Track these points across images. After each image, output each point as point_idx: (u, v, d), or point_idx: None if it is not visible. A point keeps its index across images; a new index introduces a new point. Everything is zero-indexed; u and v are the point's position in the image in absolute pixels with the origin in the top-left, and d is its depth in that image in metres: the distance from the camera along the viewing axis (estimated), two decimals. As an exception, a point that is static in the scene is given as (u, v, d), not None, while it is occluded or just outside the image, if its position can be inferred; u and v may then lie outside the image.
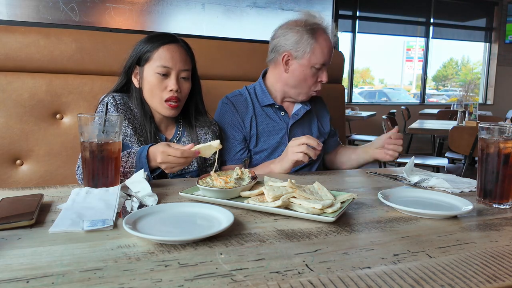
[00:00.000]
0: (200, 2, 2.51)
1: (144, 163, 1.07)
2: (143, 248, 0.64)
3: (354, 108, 5.58)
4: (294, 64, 1.47)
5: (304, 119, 1.58)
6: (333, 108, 1.90)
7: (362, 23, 6.56)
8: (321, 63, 1.45)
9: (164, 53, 1.25)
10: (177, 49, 1.28)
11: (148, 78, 1.26)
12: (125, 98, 1.31)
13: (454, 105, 5.32)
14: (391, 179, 1.23)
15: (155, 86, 1.26)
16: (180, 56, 1.27)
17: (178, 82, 1.26)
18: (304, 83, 1.48)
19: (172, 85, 1.25)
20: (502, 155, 0.93)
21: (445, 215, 0.83)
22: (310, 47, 1.43)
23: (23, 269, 0.55)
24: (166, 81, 1.26)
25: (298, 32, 1.45)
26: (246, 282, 0.53)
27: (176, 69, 1.26)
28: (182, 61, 1.27)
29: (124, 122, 1.25)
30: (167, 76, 1.26)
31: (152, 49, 1.26)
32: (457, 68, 9.04)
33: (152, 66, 1.25)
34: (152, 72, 1.25)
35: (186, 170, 1.35)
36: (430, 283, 0.54)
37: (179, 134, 1.37)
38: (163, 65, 1.24)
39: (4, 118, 1.42)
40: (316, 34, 1.44)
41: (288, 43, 1.46)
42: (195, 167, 1.36)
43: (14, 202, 0.83)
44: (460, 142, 2.94)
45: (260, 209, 0.84)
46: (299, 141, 1.25)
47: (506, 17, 7.28)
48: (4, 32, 1.45)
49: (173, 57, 1.25)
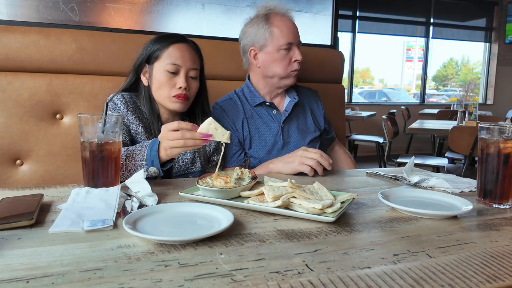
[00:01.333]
0: (200, 2, 2.51)
1: (155, 156, 1.05)
2: (143, 248, 0.64)
3: (354, 108, 5.58)
4: (262, 55, 1.50)
5: (298, 114, 1.58)
6: (333, 108, 1.90)
7: (362, 23, 6.56)
8: (285, 43, 1.46)
9: (174, 51, 1.27)
10: (187, 48, 1.30)
11: (157, 75, 1.28)
12: (134, 97, 1.32)
13: (454, 105, 5.32)
14: (391, 179, 1.23)
15: (164, 84, 1.27)
16: (190, 55, 1.29)
17: (187, 80, 1.28)
18: (279, 68, 1.48)
19: (181, 83, 1.26)
20: (502, 155, 0.93)
21: (445, 215, 0.83)
22: (268, 32, 1.47)
23: (23, 269, 0.55)
24: (175, 78, 1.27)
25: (253, 24, 1.50)
26: (246, 282, 0.53)
27: (185, 67, 1.27)
28: (192, 60, 1.29)
29: (135, 120, 1.27)
30: (176, 74, 1.27)
31: (162, 47, 1.28)
32: (457, 68, 9.04)
33: (162, 64, 1.27)
34: (161, 69, 1.27)
35: (189, 171, 1.36)
36: (430, 283, 0.54)
37: None
38: (173, 62, 1.26)
39: (4, 118, 1.42)
40: (270, 19, 1.48)
41: (249, 39, 1.50)
42: (198, 167, 1.37)
43: (14, 202, 0.83)
44: (460, 142, 2.94)
45: (260, 209, 0.84)
46: (312, 155, 1.22)
47: (506, 17, 7.28)
48: (4, 32, 1.45)
49: (183, 55, 1.27)
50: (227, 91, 1.60)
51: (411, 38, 7.90)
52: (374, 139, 4.64)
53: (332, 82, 1.96)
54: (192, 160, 1.37)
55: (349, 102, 6.73)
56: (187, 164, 1.36)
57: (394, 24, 6.90)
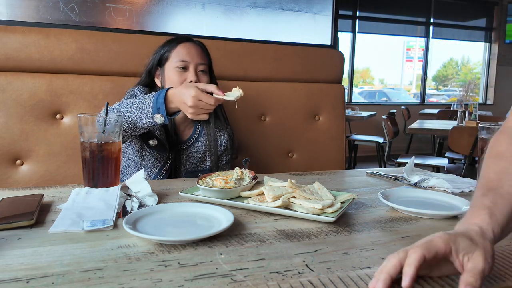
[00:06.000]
0: (200, 2, 2.51)
1: (161, 103, 1.09)
2: (143, 248, 0.64)
3: (354, 108, 5.57)
4: None
5: None
6: (333, 108, 1.90)
7: (362, 23, 6.56)
8: None
9: (181, 50, 1.33)
10: (193, 45, 1.36)
11: (169, 75, 1.33)
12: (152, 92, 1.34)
13: (454, 105, 5.31)
14: (391, 179, 1.23)
15: (176, 81, 1.31)
16: (196, 51, 1.35)
17: (197, 74, 1.32)
18: None
19: (191, 77, 1.31)
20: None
21: (445, 215, 0.83)
22: None
23: (23, 269, 0.55)
24: (185, 74, 1.32)
25: None
26: (246, 282, 0.53)
27: (193, 62, 1.33)
28: (199, 55, 1.35)
29: None
30: (186, 70, 1.32)
31: (170, 48, 1.35)
32: (457, 68, 9.03)
33: (172, 64, 1.33)
34: (172, 68, 1.33)
35: (199, 168, 1.40)
36: (430, 283, 0.54)
37: (197, 133, 1.41)
38: (181, 59, 1.32)
39: (4, 118, 1.42)
40: None
41: None
42: (208, 165, 1.41)
43: (14, 202, 0.83)
44: (460, 142, 2.94)
45: (260, 209, 0.84)
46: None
47: (506, 17, 7.27)
48: (4, 32, 1.45)
49: (189, 52, 1.33)
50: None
51: (411, 38, 7.88)
52: (374, 139, 4.63)
53: (332, 82, 1.96)
54: (203, 158, 1.41)
55: (349, 102, 6.73)
56: (198, 162, 1.41)
57: (394, 24, 6.90)
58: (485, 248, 0.52)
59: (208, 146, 1.41)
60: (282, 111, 1.81)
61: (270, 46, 2.02)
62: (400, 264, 0.50)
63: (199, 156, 1.40)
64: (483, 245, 0.52)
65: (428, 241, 0.51)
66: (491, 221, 0.56)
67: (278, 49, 1.88)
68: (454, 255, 0.51)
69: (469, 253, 0.51)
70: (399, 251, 0.51)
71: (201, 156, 1.41)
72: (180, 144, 1.39)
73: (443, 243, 0.51)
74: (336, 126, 1.88)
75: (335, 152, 1.89)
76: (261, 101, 1.78)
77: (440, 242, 0.51)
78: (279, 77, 1.84)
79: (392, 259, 0.51)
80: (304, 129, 1.84)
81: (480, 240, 0.53)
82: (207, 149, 1.42)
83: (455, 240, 0.51)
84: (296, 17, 1.61)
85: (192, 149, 1.40)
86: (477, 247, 0.51)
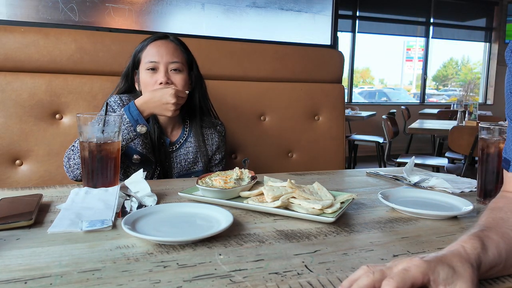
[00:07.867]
0: (200, 2, 2.51)
1: (137, 114, 1.16)
2: (142, 248, 0.63)
3: (354, 108, 5.57)
4: None
5: None
6: (333, 108, 1.90)
7: (362, 23, 6.55)
8: None
9: (151, 49, 1.28)
10: (164, 43, 1.30)
11: (142, 77, 1.29)
12: (131, 98, 1.31)
13: (454, 105, 5.31)
14: (391, 179, 1.23)
15: (147, 83, 1.27)
16: (167, 49, 1.28)
17: (167, 74, 1.27)
18: None
19: (160, 78, 1.25)
20: (502, 155, 0.93)
21: (445, 216, 0.83)
22: None
23: (22, 269, 0.55)
24: (156, 75, 1.27)
25: None
26: (245, 283, 0.53)
27: (163, 62, 1.27)
28: (170, 54, 1.28)
29: None
30: (156, 71, 1.27)
31: (142, 49, 1.30)
32: (457, 68, 9.03)
33: (143, 65, 1.29)
34: (143, 70, 1.29)
35: (191, 170, 1.37)
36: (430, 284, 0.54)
37: (185, 135, 1.38)
38: (150, 60, 1.27)
39: (4, 118, 1.42)
40: None
41: None
42: (200, 167, 1.38)
43: (13, 202, 0.83)
44: (460, 142, 2.94)
45: (260, 210, 0.84)
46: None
47: (506, 17, 7.27)
48: (4, 32, 1.45)
49: (158, 51, 1.27)
50: (227, 91, 1.60)
51: (411, 38, 7.88)
52: (374, 139, 4.63)
53: (332, 82, 1.96)
54: (194, 159, 1.37)
55: (349, 102, 6.73)
56: (189, 164, 1.37)
57: (394, 24, 6.89)
58: (467, 277, 0.48)
59: (198, 147, 1.37)
60: (282, 111, 1.80)
61: (270, 46, 2.02)
62: (373, 287, 0.47)
63: (190, 158, 1.36)
64: (465, 274, 0.48)
65: (405, 270, 0.47)
66: (481, 249, 0.52)
67: (278, 49, 1.88)
68: (433, 286, 0.47)
69: (450, 284, 0.47)
70: (376, 270, 0.48)
71: (193, 158, 1.37)
72: (169, 146, 1.35)
73: (420, 273, 0.47)
74: (336, 126, 1.88)
75: (335, 152, 1.89)
76: (260, 101, 1.78)
77: (418, 272, 0.47)
78: (279, 77, 1.83)
79: (366, 279, 0.47)
80: (303, 129, 1.84)
81: (463, 267, 0.49)
82: (198, 150, 1.37)
83: (434, 270, 0.47)
84: (296, 17, 1.61)
85: (183, 150, 1.36)
86: (459, 277, 0.47)
